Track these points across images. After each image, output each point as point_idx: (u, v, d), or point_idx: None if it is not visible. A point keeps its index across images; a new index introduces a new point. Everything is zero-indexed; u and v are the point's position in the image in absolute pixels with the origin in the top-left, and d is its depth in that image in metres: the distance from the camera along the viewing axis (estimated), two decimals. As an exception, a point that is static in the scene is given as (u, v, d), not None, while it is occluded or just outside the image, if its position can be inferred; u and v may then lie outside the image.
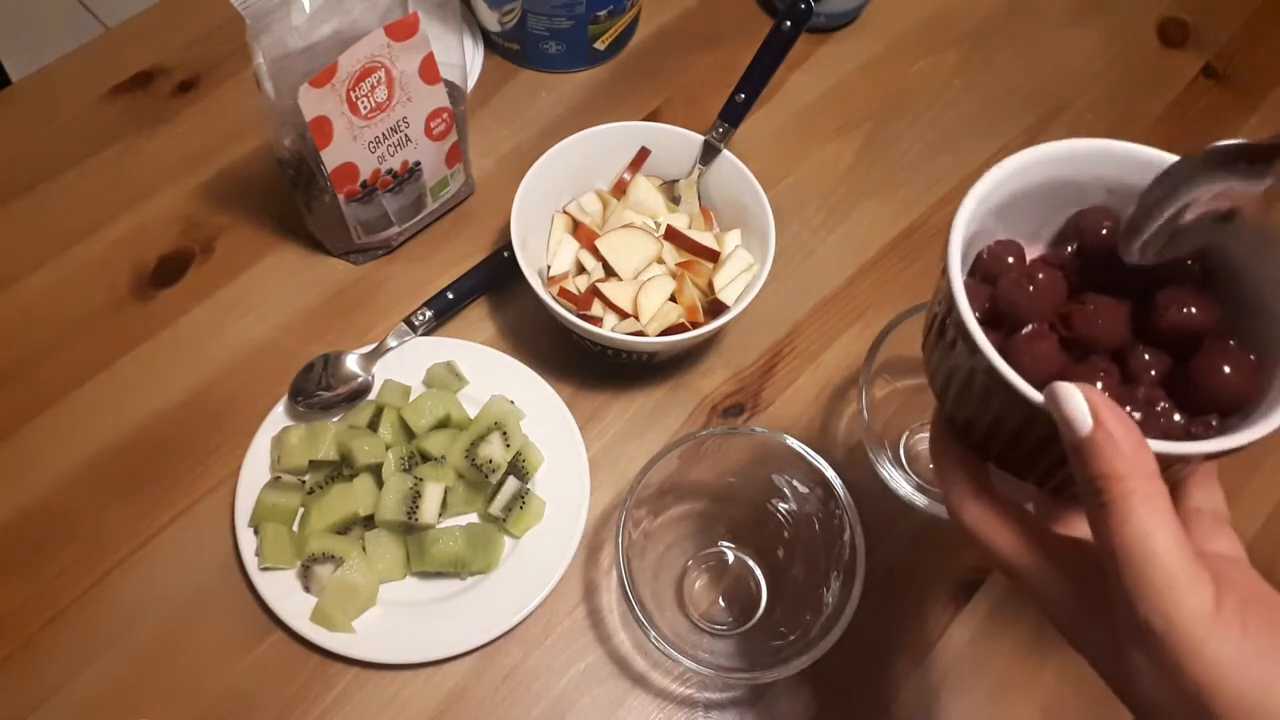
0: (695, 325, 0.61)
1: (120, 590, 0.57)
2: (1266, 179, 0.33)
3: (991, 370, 0.33)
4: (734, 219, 0.65)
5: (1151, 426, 0.35)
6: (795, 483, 0.56)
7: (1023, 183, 0.38)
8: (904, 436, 0.64)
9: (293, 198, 0.65)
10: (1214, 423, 0.34)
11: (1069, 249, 0.40)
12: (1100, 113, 0.79)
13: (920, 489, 0.59)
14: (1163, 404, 0.35)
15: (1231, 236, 0.36)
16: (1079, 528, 0.38)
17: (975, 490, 0.37)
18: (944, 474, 0.38)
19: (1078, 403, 0.31)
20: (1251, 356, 0.35)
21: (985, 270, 0.39)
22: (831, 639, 0.49)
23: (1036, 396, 0.32)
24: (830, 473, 0.52)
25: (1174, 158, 0.37)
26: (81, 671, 0.55)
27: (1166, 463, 0.31)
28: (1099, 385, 0.34)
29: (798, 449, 0.53)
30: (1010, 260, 0.39)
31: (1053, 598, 0.34)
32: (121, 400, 0.63)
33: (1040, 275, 0.37)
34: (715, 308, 0.61)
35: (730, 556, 0.60)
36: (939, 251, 0.36)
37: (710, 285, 0.62)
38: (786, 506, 0.57)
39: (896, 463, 0.63)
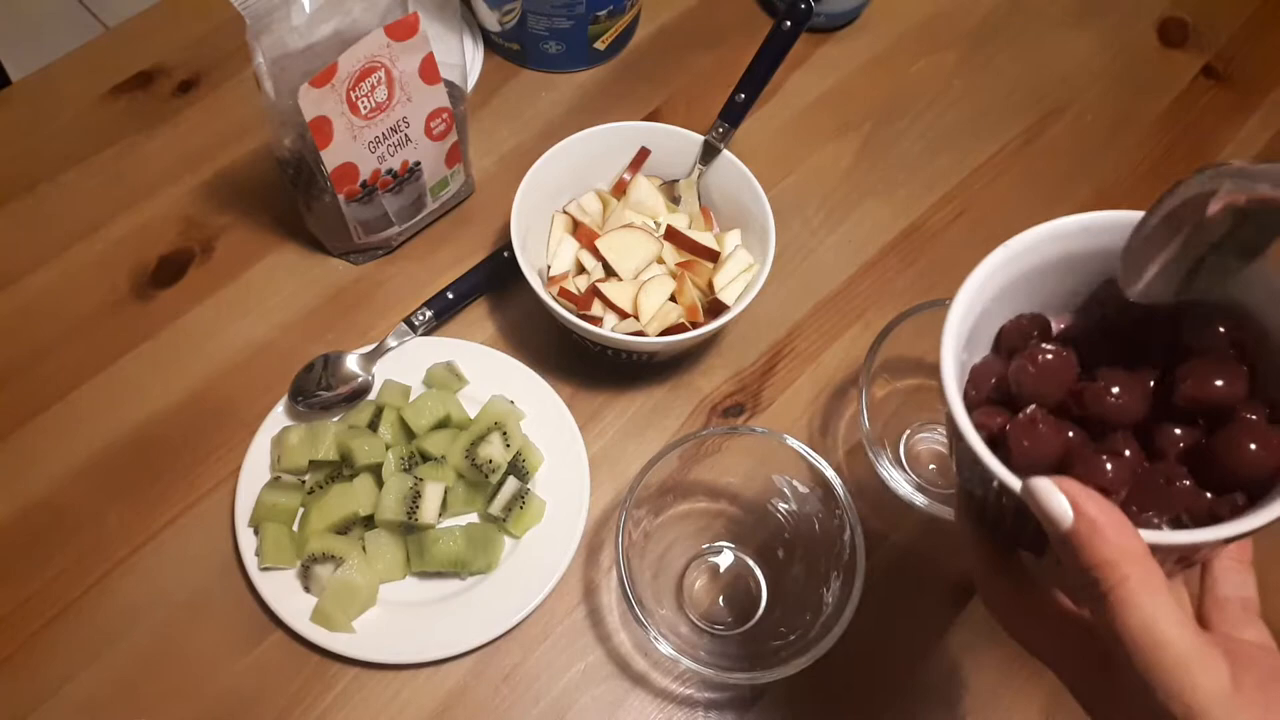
0: (695, 325, 0.61)
1: (120, 590, 0.57)
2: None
3: (981, 462, 0.32)
4: (734, 219, 0.65)
5: (1174, 504, 0.33)
6: (795, 483, 0.56)
7: (1038, 258, 0.37)
8: (904, 436, 0.64)
9: (293, 198, 0.65)
10: (1240, 501, 0.33)
11: (1097, 317, 0.39)
12: (1100, 113, 0.79)
13: (920, 489, 0.59)
14: (1184, 481, 0.34)
15: (1255, 287, 0.35)
16: None
17: (993, 569, 0.36)
18: (969, 552, 0.37)
19: (1054, 497, 0.30)
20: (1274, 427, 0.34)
21: (1009, 344, 0.38)
22: (831, 639, 0.49)
23: (1015, 484, 0.31)
24: (830, 473, 0.52)
25: None
26: (81, 671, 0.55)
27: (1184, 551, 0.30)
28: (1109, 467, 0.33)
29: (798, 449, 0.53)
30: (1035, 334, 0.38)
31: (1075, 678, 0.33)
32: (121, 400, 0.63)
33: (1048, 356, 0.36)
34: (715, 308, 0.61)
35: (730, 556, 0.60)
36: (940, 251, 0.36)
37: (710, 285, 0.62)
38: (786, 506, 0.57)
39: (896, 463, 0.63)
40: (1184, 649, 0.28)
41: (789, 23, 0.64)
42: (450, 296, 0.65)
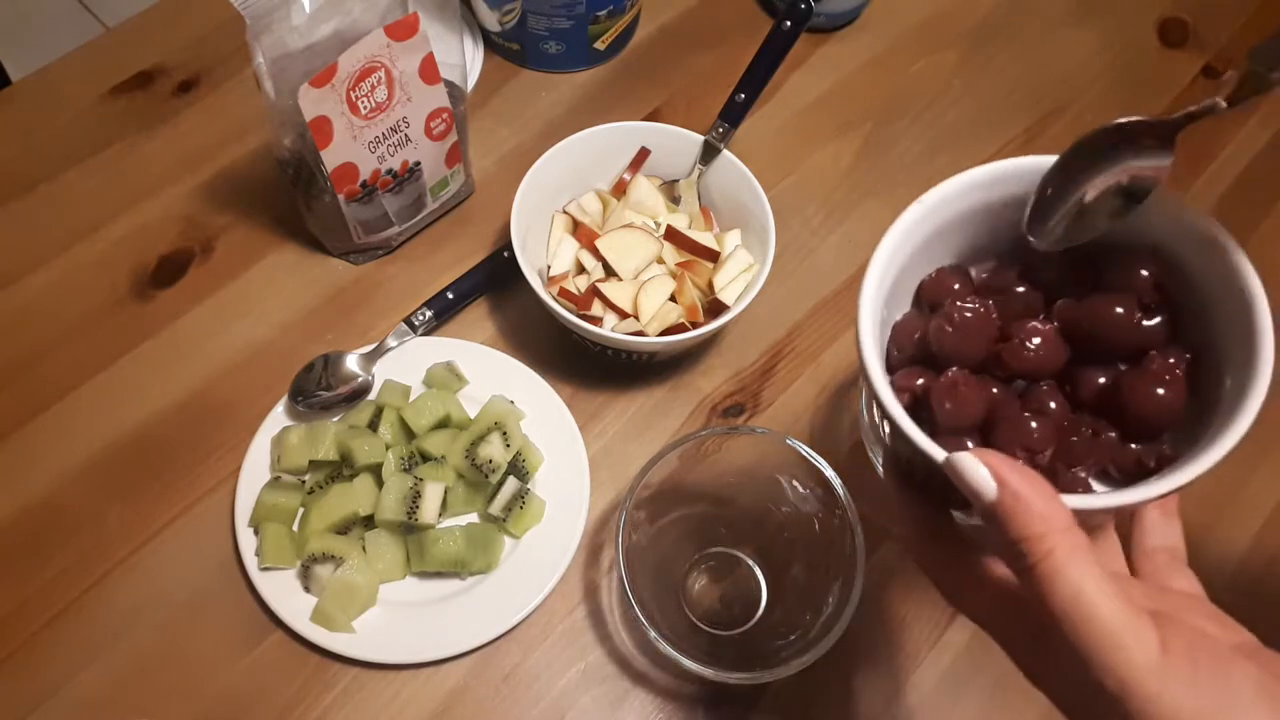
0: (695, 325, 0.61)
1: (120, 590, 0.57)
2: (1168, 156, 0.32)
3: (905, 436, 0.32)
4: (734, 219, 0.65)
5: (1101, 457, 0.33)
6: (795, 483, 0.56)
7: (954, 211, 0.37)
8: (904, 436, 0.64)
9: (293, 198, 0.65)
10: (1166, 450, 0.33)
11: (1018, 266, 0.38)
12: (1100, 113, 0.79)
13: (920, 489, 0.59)
14: (1109, 433, 0.34)
15: (1143, 218, 0.35)
16: None
17: (926, 534, 0.36)
18: (898, 515, 0.37)
19: (976, 471, 0.29)
20: (1179, 370, 0.33)
21: (929, 299, 0.38)
22: (831, 639, 0.49)
23: (939, 455, 0.31)
24: (830, 473, 0.52)
25: None
26: (81, 671, 0.55)
27: (1115, 511, 0.30)
28: (1034, 426, 0.33)
29: (798, 449, 0.53)
30: (956, 287, 0.37)
31: (1014, 644, 0.33)
32: (121, 400, 0.63)
33: (966, 314, 0.35)
34: (715, 308, 0.61)
35: (730, 556, 0.60)
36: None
37: (710, 285, 0.62)
38: (786, 507, 0.57)
39: (896, 463, 0.63)
40: (1113, 621, 0.28)
41: (789, 23, 0.64)
42: (450, 296, 0.65)
